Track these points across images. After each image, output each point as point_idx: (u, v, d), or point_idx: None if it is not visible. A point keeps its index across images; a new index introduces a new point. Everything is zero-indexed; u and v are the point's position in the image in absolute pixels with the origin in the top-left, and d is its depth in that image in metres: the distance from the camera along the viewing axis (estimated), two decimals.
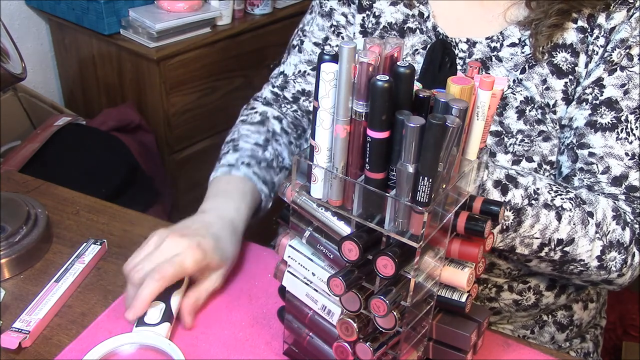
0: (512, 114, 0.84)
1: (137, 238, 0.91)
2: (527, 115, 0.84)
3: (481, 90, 0.57)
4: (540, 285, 0.89)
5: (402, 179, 0.55)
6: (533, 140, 0.83)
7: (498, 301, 0.90)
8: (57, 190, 1.00)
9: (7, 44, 0.84)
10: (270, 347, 0.75)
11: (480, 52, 0.86)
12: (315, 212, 0.63)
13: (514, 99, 0.84)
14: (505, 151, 0.84)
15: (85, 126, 1.65)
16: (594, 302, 0.97)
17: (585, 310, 0.96)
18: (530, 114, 0.84)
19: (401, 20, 0.91)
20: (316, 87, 0.57)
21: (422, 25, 0.89)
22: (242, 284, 0.84)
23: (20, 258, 0.85)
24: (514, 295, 0.89)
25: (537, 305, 0.90)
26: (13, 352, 0.73)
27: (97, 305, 0.80)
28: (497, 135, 0.84)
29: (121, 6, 1.65)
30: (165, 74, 1.64)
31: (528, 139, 0.83)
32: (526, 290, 0.89)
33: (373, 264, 0.57)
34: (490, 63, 0.85)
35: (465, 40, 0.86)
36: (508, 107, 0.84)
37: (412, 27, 0.90)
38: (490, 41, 0.85)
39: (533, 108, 0.84)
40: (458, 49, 0.87)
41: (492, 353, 0.76)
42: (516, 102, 0.84)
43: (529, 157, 0.84)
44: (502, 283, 0.89)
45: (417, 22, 0.90)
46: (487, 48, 0.85)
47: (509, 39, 0.84)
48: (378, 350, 0.62)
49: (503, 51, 0.85)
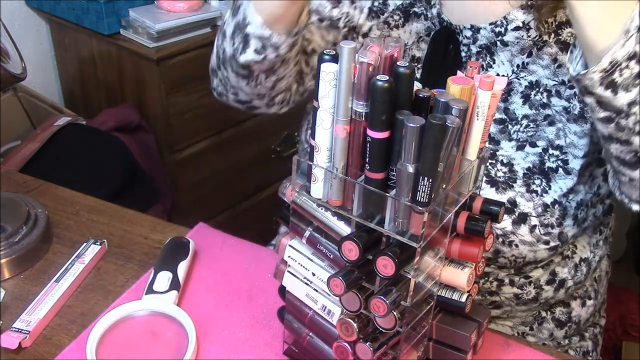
0: (517, 99, 0.85)
1: (137, 238, 0.91)
2: (532, 100, 0.84)
3: (481, 90, 0.57)
4: (541, 280, 0.90)
5: (402, 179, 0.55)
6: (538, 125, 0.84)
7: (499, 295, 0.90)
8: (57, 190, 1.00)
9: (7, 44, 0.84)
10: (270, 347, 0.75)
11: (485, 37, 0.85)
12: (315, 212, 0.63)
13: (519, 84, 0.85)
14: (509, 138, 0.85)
15: (85, 126, 1.65)
16: (592, 299, 0.97)
17: (584, 307, 0.96)
18: (536, 98, 0.84)
19: (408, 2, 0.90)
20: (316, 87, 0.57)
21: (428, 12, 0.89)
22: (242, 284, 0.84)
23: (20, 258, 0.85)
24: (515, 289, 0.90)
25: (537, 300, 0.91)
26: (13, 352, 0.73)
27: (97, 305, 0.80)
28: (501, 123, 0.85)
29: (121, 6, 1.65)
30: (165, 74, 1.64)
31: (533, 123, 0.84)
32: (527, 284, 0.90)
33: (373, 264, 0.57)
34: (495, 48, 0.85)
35: (470, 27, 0.86)
36: (513, 93, 0.85)
37: (418, 11, 0.90)
38: (494, 26, 0.84)
39: (538, 92, 0.84)
40: (462, 36, 0.86)
41: (492, 353, 0.76)
42: (521, 88, 0.84)
43: (532, 142, 0.85)
44: (504, 277, 0.89)
45: (423, 7, 0.89)
46: (492, 34, 0.85)
47: (513, 23, 0.84)
48: (378, 350, 0.62)
49: (508, 35, 0.84)
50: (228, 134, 1.79)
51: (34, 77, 1.84)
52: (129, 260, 0.88)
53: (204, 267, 0.87)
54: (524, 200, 0.85)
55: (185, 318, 0.75)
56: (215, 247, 0.90)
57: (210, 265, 0.87)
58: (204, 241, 0.90)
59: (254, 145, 1.88)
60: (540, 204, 0.85)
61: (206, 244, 0.90)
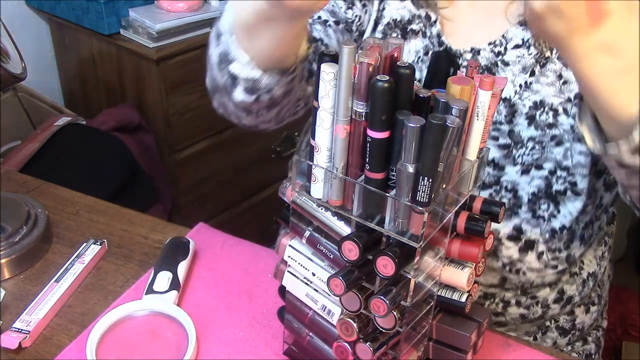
0: (522, 121, 0.81)
1: (137, 238, 0.91)
2: (537, 121, 0.80)
3: (481, 90, 0.57)
4: (548, 299, 0.88)
5: (402, 179, 0.55)
6: (545, 147, 0.80)
7: (505, 315, 0.89)
8: (57, 190, 1.00)
9: (7, 44, 0.84)
10: (270, 347, 0.75)
11: (485, 59, 0.83)
12: (315, 212, 0.63)
13: (523, 105, 0.81)
14: (514, 163, 0.82)
15: (85, 126, 1.65)
16: (596, 304, 0.96)
17: (587, 314, 0.95)
18: (541, 118, 0.80)
19: (406, 19, 0.86)
20: (316, 87, 0.57)
21: (427, 30, 0.85)
22: (242, 284, 0.84)
23: (20, 258, 0.85)
24: (521, 310, 0.88)
25: (543, 317, 0.90)
26: (13, 352, 0.73)
27: (97, 305, 0.80)
28: (506, 148, 0.81)
29: (121, 6, 1.65)
30: (165, 74, 1.64)
31: (539, 145, 0.80)
32: (534, 304, 0.88)
33: (373, 264, 0.57)
34: (497, 69, 0.82)
35: (470, 50, 0.83)
36: (517, 114, 0.81)
37: (416, 29, 0.86)
38: (493, 46, 0.82)
39: (544, 112, 0.80)
40: (462, 59, 0.84)
41: (492, 353, 0.76)
42: (525, 108, 0.81)
43: (538, 165, 0.81)
44: (510, 297, 0.87)
45: (422, 24, 0.86)
46: (492, 54, 0.82)
47: (513, 41, 0.81)
48: (378, 350, 0.62)
49: (508, 54, 0.82)
50: (228, 134, 1.79)
51: (34, 77, 1.83)
52: (129, 260, 0.87)
53: (204, 267, 0.87)
54: (530, 227, 0.83)
55: (185, 318, 0.75)
56: (215, 247, 0.90)
57: (210, 265, 0.87)
58: (204, 241, 0.90)
59: (254, 145, 1.88)
60: (548, 230, 0.83)
61: (206, 244, 0.90)
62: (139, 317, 0.76)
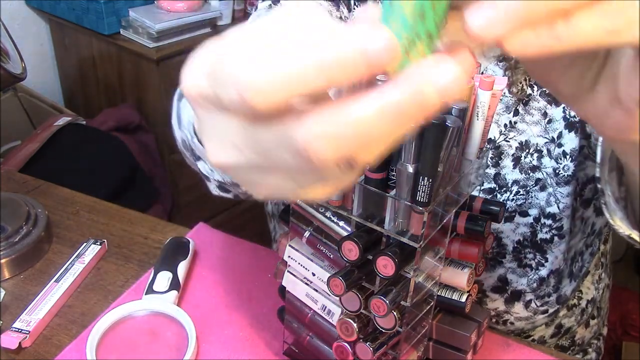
0: (508, 163, 0.77)
1: (137, 238, 0.91)
2: (522, 163, 0.76)
3: (481, 90, 0.57)
4: (546, 335, 0.86)
5: (402, 179, 0.55)
6: (529, 191, 0.77)
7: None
8: (57, 190, 1.00)
9: (7, 44, 0.84)
10: (270, 347, 0.75)
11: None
12: (315, 212, 0.63)
13: (509, 146, 0.76)
14: None
15: (85, 126, 1.65)
16: (596, 317, 0.93)
17: (587, 328, 0.92)
18: (526, 160, 0.76)
19: None
20: None
21: None
22: (242, 284, 0.84)
23: (20, 258, 0.85)
24: None
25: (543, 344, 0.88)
26: (13, 352, 0.73)
27: (97, 305, 0.80)
28: (490, 193, 0.78)
29: (121, 6, 1.66)
30: (165, 74, 1.64)
31: (523, 189, 0.77)
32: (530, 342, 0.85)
33: (373, 264, 0.57)
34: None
35: None
36: (504, 156, 0.77)
37: None
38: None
39: (528, 154, 0.76)
40: None
41: (492, 353, 0.76)
42: (511, 150, 0.76)
43: (522, 211, 0.77)
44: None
45: None
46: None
47: None
48: (378, 350, 0.62)
49: None
50: None
51: (34, 77, 1.84)
52: (129, 260, 0.88)
53: (204, 267, 0.87)
54: (516, 277, 0.80)
55: (185, 318, 0.75)
56: (215, 247, 0.90)
57: (210, 265, 0.87)
58: (204, 241, 0.90)
59: None
60: (535, 279, 0.80)
61: (206, 244, 0.90)
62: (139, 317, 0.76)
